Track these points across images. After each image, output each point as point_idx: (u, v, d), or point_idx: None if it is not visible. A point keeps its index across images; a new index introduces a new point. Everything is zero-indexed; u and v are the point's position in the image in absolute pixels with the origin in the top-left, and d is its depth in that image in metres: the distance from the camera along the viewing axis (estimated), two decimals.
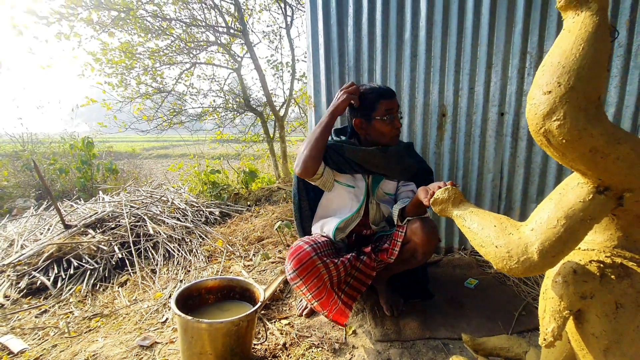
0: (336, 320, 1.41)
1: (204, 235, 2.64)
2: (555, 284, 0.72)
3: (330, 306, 1.41)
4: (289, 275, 1.37)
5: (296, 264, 1.34)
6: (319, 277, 1.36)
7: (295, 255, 1.36)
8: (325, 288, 1.39)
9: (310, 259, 1.34)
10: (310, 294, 1.37)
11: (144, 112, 4.18)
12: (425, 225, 1.42)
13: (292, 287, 1.38)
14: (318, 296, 1.38)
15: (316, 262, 1.35)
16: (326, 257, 1.41)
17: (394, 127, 1.53)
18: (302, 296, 1.40)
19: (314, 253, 1.37)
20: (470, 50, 1.99)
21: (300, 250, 1.37)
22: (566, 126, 0.57)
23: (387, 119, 1.51)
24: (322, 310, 1.41)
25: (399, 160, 1.57)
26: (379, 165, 1.55)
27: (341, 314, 1.41)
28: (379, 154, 1.53)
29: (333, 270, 1.41)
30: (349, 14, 2.07)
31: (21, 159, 4.68)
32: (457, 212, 0.91)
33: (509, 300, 1.71)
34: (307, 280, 1.34)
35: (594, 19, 0.56)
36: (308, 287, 1.35)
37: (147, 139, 17.90)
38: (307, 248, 1.38)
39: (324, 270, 1.37)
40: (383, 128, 1.52)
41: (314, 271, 1.35)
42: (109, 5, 3.16)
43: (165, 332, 1.55)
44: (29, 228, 2.69)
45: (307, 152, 1.46)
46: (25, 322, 1.69)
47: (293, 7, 4.39)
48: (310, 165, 1.46)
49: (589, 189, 0.66)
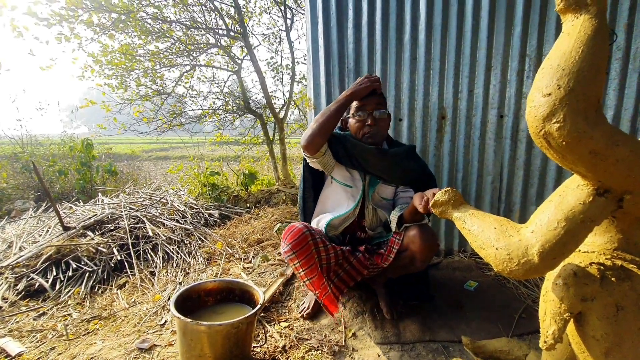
0: (326, 305, 1.44)
1: (203, 237, 2.63)
2: (555, 286, 0.72)
3: (322, 289, 1.43)
4: (284, 249, 1.41)
5: (290, 238, 1.39)
6: (311, 255, 1.40)
7: (289, 232, 1.42)
8: (316, 268, 1.42)
9: (302, 234, 1.39)
10: (303, 270, 1.40)
11: (143, 114, 4.18)
12: (423, 233, 1.41)
13: (286, 260, 1.44)
14: (310, 274, 1.41)
15: (308, 237, 1.40)
16: (318, 237, 1.44)
17: (365, 124, 1.53)
18: (296, 272, 1.44)
19: (306, 229, 1.41)
20: (469, 53, 2.00)
21: (293, 227, 1.42)
22: (566, 128, 0.57)
23: (358, 116, 1.53)
24: (315, 290, 1.44)
25: (398, 163, 1.57)
26: (376, 165, 1.55)
27: (331, 301, 1.43)
28: (378, 154, 1.53)
29: (323, 252, 1.44)
30: (348, 17, 2.08)
31: (20, 161, 4.67)
32: (457, 214, 0.91)
33: (509, 302, 1.71)
34: (300, 255, 1.38)
35: (592, 21, 0.56)
36: (301, 262, 1.39)
37: (147, 141, 17.90)
38: (299, 226, 1.43)
39: (314, 248, 1.41)
40: (354, 124, 1.56)
41: (306, 247, 1.39)
42: (110, 7, 3.16)
43: (164, 334, 1.55)
44: (28, 230, 2.68)
45: (316, 125, 1.47)
46: (23, 325, 1.68)
47: (293, 10, 4.40)
48: (317, 141, 1.47)
49: (589, 191, 0.66)
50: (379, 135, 1.57)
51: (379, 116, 1.54)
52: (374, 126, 1.53)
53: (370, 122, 1.52)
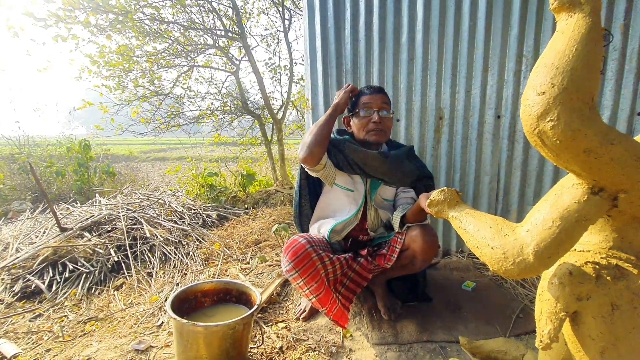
0: (337, 321, 1.39)
1: (201, 238, 2.63)
2: (551, 285, 0.72)
3: (331, 305, 1.38)
4: (285, 267, 1.35)
5: (292, 256, 1.33)
6: (316, 271, 1.34)
7: (290, 248, 1.35)
8: (323, 284, 1.36)
9: (305, 251, 1.34)
10: (308, 288, 1.34)
11: (141, 115, 4.17)
12: (426, 233, 1.41)
13: (289, 279, 1.36)
14: (317, 291, 1.35)
15: (311, 254, 1.34)
16: (321, 251, 1.40)
17: (370, 121, 1.51)
18: (300, 290, 1.38)
19: (308, 245, 1.36)
20: (466, 53, 2.00)
21: (295, 243, 1.36)
22: (560, 127, 0.57)
23: (364, 113, 1.51)
24: (322, 308, 1.37)
25: (399, 166, 1.56)
26: (378, 169, 1.54)
27: (342, 315, 1.40)
28: (379, 158, 1.52)
29: (329, 265, 1.40)
30: (346, 18, 2.08)
31: (17, 162, 4.66)
32: (453, 213, 0.91)
33: (506, 302, 1.70)
34: (303, 273, 1.32)
35: (586, 20, 0.57)
36: (305, 280, 1.33)
37: (145, 142, 17.87)
38: (302, 241, 1.37)
39: (320, 264, 1.36)
40: (359, 122, 1.54)
41: (310, 264, 1.33)
42: (107, 7, 3.16)
43: (160, 335, 1.54)
44: (25, 231, 2.67)
45: (311, 137, 1.44)
46: (19, 326, 1.68)
47: (291, 11, 4.41)
48: (316, 151, 1.43)
49: (584, 190, 0.66)
50: (384, 133, 1.54)
51: (385, 116, 1.53)
52: (380, 123, 1.51)
53: (376, 118, 1.50)
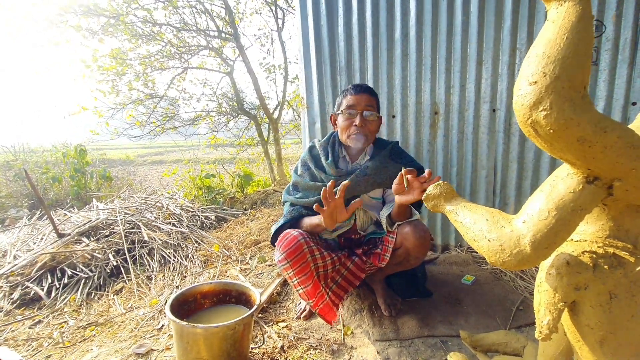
0: (323, 316, 1.41)
1: (199, 240, 2.62)
2: (549, 276, 0.72)
3: (317, 298, 1.40)
4: (277, 258, 1.38)
5: (284, 247, 1.36)
6: (306, 263, 1.37)
7: (283, 239, 1.38)
8: (311, 276, 1.39)
9: (297, 242, 1.36)
10: (297, 279, 1.37)
11: (136, 118, 4.15)
12: (416, 230, 1.40)
13: (280, 269, 1.40)
14: (304, 283, 1.38)
15: (303, 246, 1.36)
16: (313, 244, 1.41)
17: (352, 124, 1.46)
18: (289, 281, 1.41)
19: (301, 237, 1.38)
20: (460, 48, 2.00)
21: (287, 235, 1.39)
22: (553, 116, 0.57)
23: (347, 115, 1.48)
24: (309, 300, 1.41)
25: (383, 171, 1.51)
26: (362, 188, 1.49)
27: (329, 311, 1.41)
28: (356, 178, 1.47)
29: (319, 259, 1.41)
30: (338, 15, 2.08)
31: (13, 169, 4.63)
32: (449, 207, 0.91)
33: (506, 295, 1.71)
34: (294, 264, 1.35)
35: (577, 8, 0.56)
36: (295, 271, 1.36)
37: (141, 146, 17.79)
38: (295, 233, 1.39)
39: (310, 257, 1.38)
40: (342, 123, 1.50)
41: (301, 256, 1.35)
42: (98, 11, 3.14)
43: (161, 339, 1.53)
44: (22, 238, 2.66)
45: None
46: (19, 334, 1.67)
47: (284, 10, 4.40)
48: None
49: (579, 179, 0.66)
50: (366, 138, 1.48)
51: (368, 117, 1.48)
52: (362, 127, 1.46)
53: (358, 122, 1.45)
